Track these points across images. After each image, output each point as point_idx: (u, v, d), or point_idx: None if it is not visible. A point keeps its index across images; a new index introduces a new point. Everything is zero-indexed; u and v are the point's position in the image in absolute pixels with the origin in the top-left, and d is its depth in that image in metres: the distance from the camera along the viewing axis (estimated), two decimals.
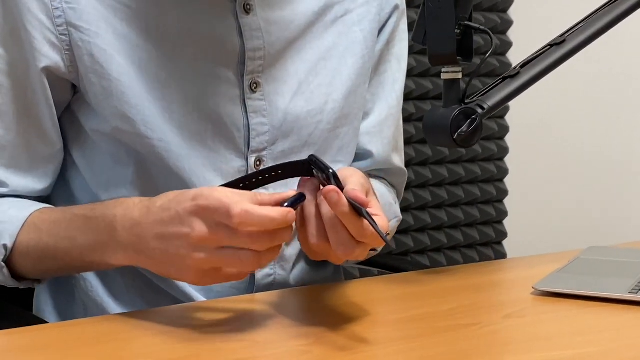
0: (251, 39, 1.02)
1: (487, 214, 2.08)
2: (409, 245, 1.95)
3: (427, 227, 1.99)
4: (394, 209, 1.18)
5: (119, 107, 0.98)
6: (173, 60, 0.99)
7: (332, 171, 0.82)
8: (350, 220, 0.79)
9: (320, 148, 1.08)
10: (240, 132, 1.03)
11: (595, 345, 0.81)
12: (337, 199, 0.78)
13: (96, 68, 0.97)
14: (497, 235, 2.10)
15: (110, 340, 0.83)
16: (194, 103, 1.00)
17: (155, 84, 0.98)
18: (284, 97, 1.05)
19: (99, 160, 1.02)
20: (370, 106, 1.16)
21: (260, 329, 0.86)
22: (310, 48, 1.07)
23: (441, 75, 1.01)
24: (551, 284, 1.01)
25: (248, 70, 1.02)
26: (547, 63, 1.06)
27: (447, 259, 2.02)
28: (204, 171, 1.01)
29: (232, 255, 0.81)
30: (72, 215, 0.94)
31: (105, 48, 0.97)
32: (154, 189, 0.96)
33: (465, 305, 0.95)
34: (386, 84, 1.17)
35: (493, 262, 1.24)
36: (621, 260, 1.14)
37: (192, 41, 0.99)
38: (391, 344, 0.81)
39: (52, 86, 0.99)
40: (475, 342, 0.82)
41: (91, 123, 1.01)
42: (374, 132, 1.16)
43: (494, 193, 2.09)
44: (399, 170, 1.21)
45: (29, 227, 0.95)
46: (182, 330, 0.84)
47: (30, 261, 0.96)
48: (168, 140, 0.99)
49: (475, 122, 1.00)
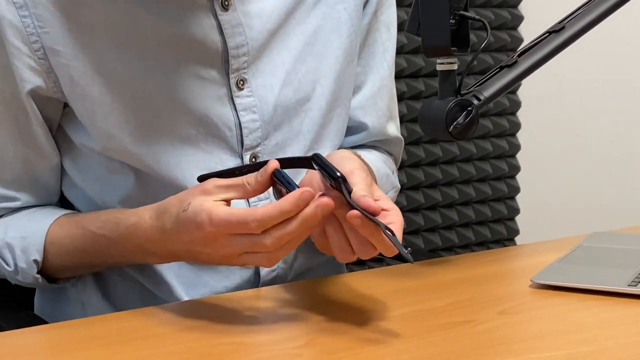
0: (233, 36, 1.00)
1: (499, 190, 2.07)
2: (419, 224, 1.94)
3: (438, 205, 1.98)
4: (392, 179, 1.17)
5: (104, 127, 0.98)
6: (155, 69, 0.97)
7: (341, 175, 0.82)
8: (379, 240, 0.81)
9: (316, 134, 1.07)
10: (232, 131, 1.01)
11: (588, 345, 0.80)
12: (360, 224, 0.80)
13: (77, 90, 0.96)
14: (509, 212, 2.09)
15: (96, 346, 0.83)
16: (182, 108, 0.99)
17: (140, 96, 0.97)
18: (272, 90, 1.03)
19: (92, 171, 1.03)
20: (362, 78, 1.14)
21: (249, 330, 0.86)
22: (294, 35, 1.05)
23: (436, 66, 1.00)
24: (549, 276, 1.00)
25: (233, 68, 1.00)
26: (546, 51, 1.04)
27: (459, 236, 2.01)
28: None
29: (252, 258, 0.85)
30: (91, 233, 0.97)
31: (84, 69, 0.95)
32: (151, 197, 0.97)
33: (462, 300, 0.94)
34: (377, 53, 1.14)
35: (494, 251, 1.22)
36: (624, 247, 1.13)
37: (173, 46, 0.98)
38: (382, 345, 0.80)
39: (41, 105, 0.99)
40: (467, 342, 0.81)
41: (81, 139, 1.01)
42: (367, 105, 1.15)
43: (506, 169, 2.07)
44: (395, 138, 1.20)
45: (53, 243, 0.99)
46: (168, 333, 0.85)
47: (64, 270, 1.02)
48: (157, 152, 0.98)
49: (472, 113, 0.99)
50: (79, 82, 0.96)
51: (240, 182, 0.86)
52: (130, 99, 0.97)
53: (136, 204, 1.00)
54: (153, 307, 0.93)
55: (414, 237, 1.94)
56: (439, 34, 0.97)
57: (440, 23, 0.97)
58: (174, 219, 0.88)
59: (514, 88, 2.12)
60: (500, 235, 2.07)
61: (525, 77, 1.03)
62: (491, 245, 2.07)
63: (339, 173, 0.82)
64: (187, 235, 0.86)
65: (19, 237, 1.00)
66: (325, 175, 0.84)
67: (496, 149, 2.05)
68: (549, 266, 1.04)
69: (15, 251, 1.00)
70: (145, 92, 0.97)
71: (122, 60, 0.96)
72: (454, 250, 2.01)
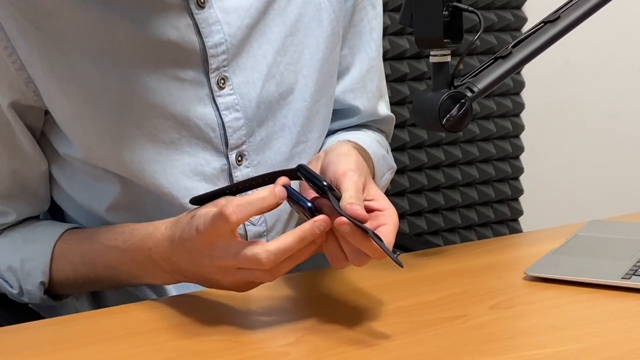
0: (210, 35, 0.97)
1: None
2: (422, 205, 1.94)
3: (441, 187, 1.97)
4: (388, 160, 1.16)
5: (85, 136, 0.97)
6: (132, 74, 0.95)
7: (327, 184, 0.83)
8: (368, 247, 0.81)
9: (302, 127, 1.06)
10: (216, 132, 1.00)
11: (577, 342, 0.80)
12: (349, 231, 0.80)
13: (55, 101, 0.95)
14: (512, 192, 2.08)
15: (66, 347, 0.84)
16: (163, 112, 0.97)
17: (119, 103, 0.95)
18: (254, 86, 1.01)
19: (78, 179, 1.02)
20: (350, 60, 1.13)
21: (239, 327, 0.86)
22: (275, 26, 1.03)
23: (430, 58, 0.99)
24: (543, 268, 1.00)
25: (212, 67, 0.98)
26: (541, 41, 1.03)
27: (462, 217, 2.00)
28: (184, 180, 0.99)
29: (250, 275, 0.85)
30: (102, 245, 0.97)
31: (59, 79, 0.94)
32: (138, 205, 0.97)
33: (454, 293, 0.94)
34: (363, 33, 1.13)
35: (489, 240, 1.21)
36: (621, 237, 1.13)
37: (149, 50, 0.95)
38: (371, 343, 0.80)
39: (23, 115, 0.98)
40: (457, 339, 0.81)
41: (63, 148, 1.00)
42: (357, 87, 1.14)
43: (510, 150, 2.06)
44: (387, 117, 1.20)
45: (60, 260, 0.99)
46: (158, 330, 0.85)
47: (70, 288, 1.03)
48: (141, 160, 0.97)
49: (465, 106, 0.98)
50: (56, 92, 0.95)
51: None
52: (109, 106, 0.95)
53: (124, 210, 1.00)
54: (141, 302, 0.94)
55: (417, 219, 1.93)
56: (432, 25, 0.97)
57: (433, 14, 0.96)
58: (182, 227, 0.88)
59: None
60: (503, 216, 2.06)
61: (520, 68, 1.02)
62: (494, 227, 2.06)
63: (325, 182, 0.83)
64: (190, 243, 0.86)
65: (22, 260, 1.00)
66: (312, 185, 0.84)
67: (500, 130, 2.04)
68: (543, 257, 1.04)
69: (18, 274, 1.00)
70: (124, 99, 0.95)
71: (98, 67, 0.94)
72: (457, 232, 2.00)
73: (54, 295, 1.03)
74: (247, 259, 0.82)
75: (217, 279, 0.87)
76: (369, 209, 0.86)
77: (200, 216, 0.85)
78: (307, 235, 0.81)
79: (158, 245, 0.91)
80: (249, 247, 0.82)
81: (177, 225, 0.89)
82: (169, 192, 0.99)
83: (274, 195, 0.82)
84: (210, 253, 0.85)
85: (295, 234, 0.81)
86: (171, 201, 1.00)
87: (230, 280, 0.86)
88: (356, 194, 0.84)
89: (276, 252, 0.81)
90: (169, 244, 0.90)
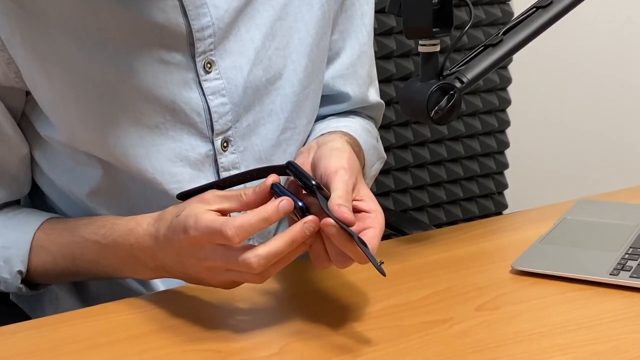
0: (197, 18, 0.94)
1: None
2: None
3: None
4: (378, 150, 1.15)
5: (67, 119, 0.94)
6: (117, 56, 0.92)
7: (315, 184, 0.81)
8: (351, 251, 0.79)
9: (290, 113, 1.04)
10: (202, 117, 0.98)
11: (564, 352, 0.79)
12: (335, 233, 0.78)
13: (37, 82, 0.92)
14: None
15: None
16: (148, 95, 0.94)
17: (102, 86, 0.93)
18: (241, 71, 0.99)
19: (60, 162, 1.00)
20: (340, 45, 1.10)
21: (223, 331, 0.85)
22: (264, 10, 1.00)
23: (418, 48, 0.96)
24: (529, 262, 0.99)
25: (199, 51, 0.95)
26: (532, 28, 1.00)
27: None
28: (169, 165, 0.97)
29: (239, 276, 0.83)
30: (82, 239, 0.94)
31: (42, 60, 0.91)
32: (120, 190, 0.94)
33: (439, 291, 0.93)
34: (355, 17, 1.10)
35: (475, 223, 1.19)
36: (609, 222, 1.11)
37: (134, 31, 0.92)
38: (357, 353, 0.79)
39: (4, 96, 0.95)
40: (442, 348, 0.80)
41: (45, 131, 0.97)
42: (347, 73, 1.11)
43: (496, 124, 2.02)
44: (377, 104, 1.18)
45: (39, 250, 0.97)
46: (139, 337, 0.84)
47: (48, 278, 1.00)
48: (124, 144, 0.95)
49: (454, 98, 0.96)
50: (38, 73, 0.92)
51: (236, 194, 0.83)
52: (92, 89, 0.93)
53: (105, 196, 0.98)
54: (123, 300, 0.92)
55: (402, 196, 1.91)
56: (421, 14, 0.93)
57: (423, 3, 0.93)
58: (167, 225, 0.86)
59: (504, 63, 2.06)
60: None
61: (511, 56, 0.99)
62: (479, 201, 2.04)
63: (314, 182, 0.81)
64: (177, 242, 0.84)
65: (0, 247, 0.97)
66: (300, 183, 0.82)
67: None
68: (530, 248, 1.03)
69: None
70: (108, 82, 0.93)
71: (82, 49, 0.91)
72: (442, 207, 1.99)
73: (32, 284, 1.01)
74: (237, 263, 0.80)
75: (203, 278, 0.86)
76: (356, 209, 0.84)
77: (190, 217, 0.82)
78: (298, 237, 0.79)
79: (140, 241, 0.89)
80: (239, 251, 0.80)
81: (161, 222, 0.87)
82: (152, 177, 0.97)
83: (278, 213, 0.80)
84: (198, 254, 0.83)
85: (285, 237, 0.79)
86: (155, 187, 0.98)
87: (218, 280, 0.85)
88: (345, 195, 0.82)
89: (266, 256, 0.79)
90: (152, 241, 0.88)
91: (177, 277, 0.89)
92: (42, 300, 1.07)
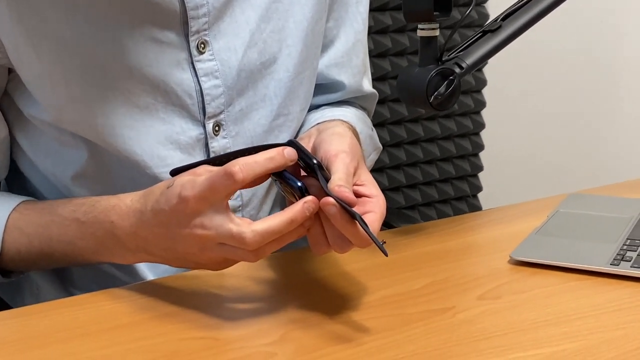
0: None
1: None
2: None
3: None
4: (374, 140, 1.13)
5: (54, 97, 0.90)
6: (107, 33, 0.88)
7: (317, 162, 0.79)
8: (353, 233, 0.76)
9: (284, 98, 1.01)
10: (193, 99, 0.94)
11: (572, 340, 0.77)
12: (335, 213, 0.75)
13: (23, 57, 0.88)
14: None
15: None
16: (138, 75, 0.91)
17: (92, 63, 0.89)
18: (236, 53, 0.96)
19: (43, 144, 0.96)
20: (335, 32, 1.08)
21: (218, 319, 0.81)
22: None
23: (417, 32, 0.94)
24: (528, 252, 0.97)
25: (192, 30, 0.92)
26: (533, 14, 0.98)
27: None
28: (158, 148, 0.93)
29: (232, 252, 0.78)
30: (61, 217, 0.89)
31: (28, 35, 0.87)
32: (106, 173, 0.90)
33: (439, 280, 0.91)
34: (350, 5, 1.08)
35: (465, 216, 1.17)
36: (603, 214, 1.10)
37: (125, 7, 0.88)
38: (359, 341, 0.76)
39: None
40: (448, 336, 0.78)
41: (29, 110, 0.93)
42: (342, 62, 1.09)
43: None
44: (371, 94, 1.16)
45: (13, 232, 0.91)
46: (131, 325, 0.80)
47: (22, 263, 0.93)
48: (112, 124, 0.91)
49: (453, 83, 0.94)
50: (24, 48, 0.88)
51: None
52: (81, 66, 0.89)
53: (91, 180, 0.94)
54: (111, 290, 0.88)
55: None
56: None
57: None
58: (157, 197, 0.81)
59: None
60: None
61: (510, 42, 0.98)
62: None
63: (315, 160, 0.79)
64: (168, 212, 0.79)
65: None
66: (302, 162, 0.79)
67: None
68: (527, 239, 1.01)
69: None
70: (97, 59, 0.89)
71: (70, 24, 0.87)
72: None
73: (5, 271, 0.96)
74: (231, 236, 0.76)
75: (192, 254, 0.80)
76: (357, 194, 0.82)
77: (183, 183, 0.78)
78: (298, 217, 0.76)
79: (122, 218, 0.84)
80: (235, 223, 0.76)
81: (149, 197, 0.82)
82: (141, 159, 0.93)
83: (283, 156, 0.77)
84: (192, 222, 0.78)
85: (285, 215, 0.76)
86: (143, 170, 0.94)
87: (207, 257, 0.80)
88: (346, 177, 0.79)
89: (263, 233, 0.75)
90: (136, 217, 0.83)
91: (159, 259, 0.84)
92: (22, 291, 1.03)
